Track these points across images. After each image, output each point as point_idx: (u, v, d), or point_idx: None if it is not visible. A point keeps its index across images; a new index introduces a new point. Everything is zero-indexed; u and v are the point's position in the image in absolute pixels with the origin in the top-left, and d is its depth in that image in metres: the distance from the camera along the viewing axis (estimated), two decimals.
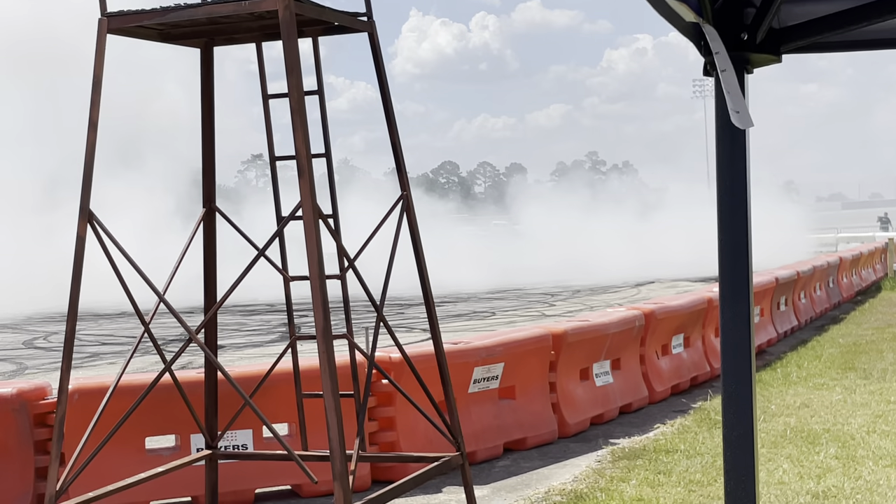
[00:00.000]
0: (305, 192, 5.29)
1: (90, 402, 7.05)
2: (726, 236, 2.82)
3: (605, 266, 40.62)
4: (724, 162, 2.82)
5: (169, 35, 5.99)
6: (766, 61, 3.00)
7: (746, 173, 2.81)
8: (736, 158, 2.79)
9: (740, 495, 2.71)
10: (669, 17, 2.78)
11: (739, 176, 2.78)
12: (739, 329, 2.79)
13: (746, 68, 2.93)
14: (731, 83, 2.68)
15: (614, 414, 10.59)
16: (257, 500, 7.76)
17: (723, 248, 2.82)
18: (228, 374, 5.67)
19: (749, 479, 2.72)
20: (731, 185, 2.81)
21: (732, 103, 2.70)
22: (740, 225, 2.80)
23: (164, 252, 8.92)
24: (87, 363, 17.32)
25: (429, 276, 6.47)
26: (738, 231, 2.80)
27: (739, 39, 2.86)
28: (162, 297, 5.66)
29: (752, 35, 2.88)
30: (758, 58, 2.95)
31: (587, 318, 11.05)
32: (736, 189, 2.80)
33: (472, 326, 21.25)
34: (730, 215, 2.83)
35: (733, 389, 2.76)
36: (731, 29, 2.87)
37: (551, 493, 7.55)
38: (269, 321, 24.60)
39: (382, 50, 6.27)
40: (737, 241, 2.81)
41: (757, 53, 2.92)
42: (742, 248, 2.79)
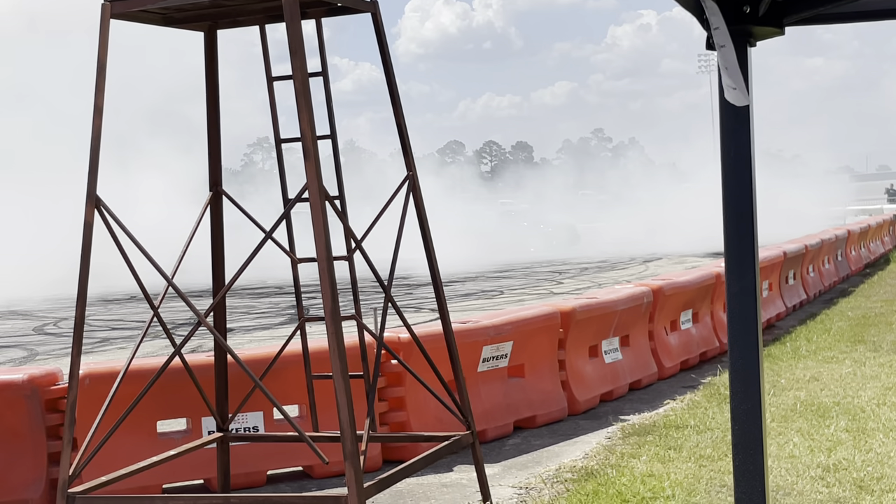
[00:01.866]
0: (311, 173, 5.29)
1: (101, 386, 7.07)
2: (731, 210, 2.81)
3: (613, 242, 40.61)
4: (728, 136, 2.81)
5: (172, 19, 5.99)
6: (768, 34, 2.99)
7: (750, 147, 2.80)
8: (739, 132, 2.78)
9: (749, 469, 2.71)
10: None
11: (743, 149, 2.77)
12: (746, 302, 2.78)
13: (749, 41, 2.92)
14: (729, 59, 2.67)
15: (624, 391, 10.60)
16: (269, 481, 7.80)
17: (728, 222, 2.81)
18: (238, 357, 5.68)
19: (758, 453, 2.72)
20: (735, 158, 2.80)
21: (729, 79, 2.69)
22: (745, 198, 2.79)
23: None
24: (98, 348, 17.37)
25: (436, 256, 6.48)
26: (743, 204, 2.80)
27: (741, 12, 2.85)
28: (170, 281, 5.68)
29: (754, 8, 2.86)
30: (760, 30, 2.93)
31: (595, 295, 11.05)
32: (739, 163, 2.79)
33: (480, 305, 21.27)
34: (734, 189, 2.82)
35: (741, 363, 2.76)
36: (733, 2, 2.85)
37: (562, 471, 7.57)
38: (278, 303, 24.64)
39: (386, 30, 6.26)
40: (741, 215, 2.80)
41: (759, 26, 2.91)
42: (747, 221, 2.79)
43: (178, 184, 34.16)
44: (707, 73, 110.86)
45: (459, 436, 6.32)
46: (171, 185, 35.19)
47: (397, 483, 5.86)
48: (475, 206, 51.84)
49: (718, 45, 2.71)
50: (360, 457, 5.27)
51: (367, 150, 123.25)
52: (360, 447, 5.60)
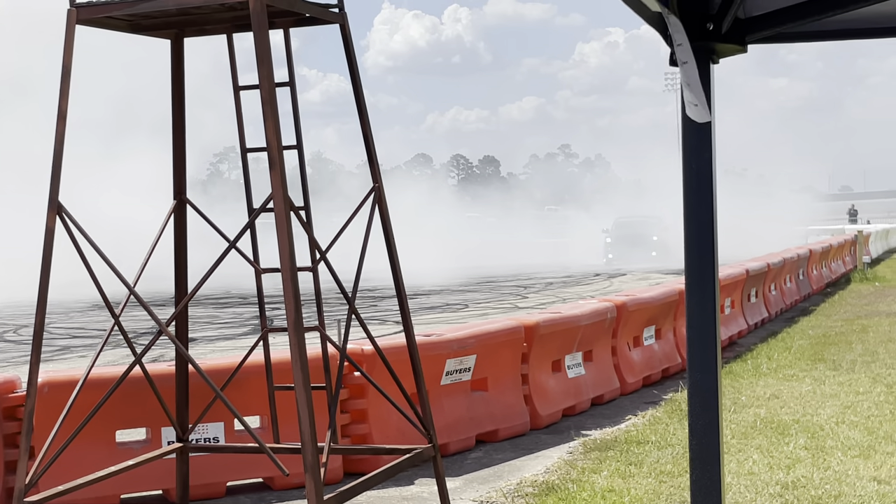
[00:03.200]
0: (277, 183, 5.28)
1: (60, 395, 7.00)
2: (692, 227, 2.83)
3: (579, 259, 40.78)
4: (690, 152, 2.83)
5: (139, 26, 5.96)
6: (731, 51, 3.02)
7: (712, 164, 2.82)
8: (701, 149, 2.81)
9: (706, 484, 2.73)
10: (636, 8, 2.80)
11: (705, 166, 2.80)
12: (705, 319, 2.80)
13: (712, 58, 2.94)
14: (691, 76, 2.70)
15: (586, 405, 10.63)
16: (229, 492, 7.74)
17: (689, 239, 2.83)
18: (199, 367, 5.65)
19: (714, 468, 2.74)
20: (697, 175, 2.82)
21: (690, 96, 2.71)
22: (706, 216, 2.81)
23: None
24: (58, 356, 17.21)
25: (401, 268, 6.47)
26: (704, 222, 2.82)
27: (705, 29, 2.88)
28: (132, 290, 5.64)
29: (717, 25, 2.89)
30: (723, 48, 2.96)
31: (559, 310, 11.08)
32: (702, 180, 2.82)
33: (444, 319, 21.26)
34: (696, 206, 2.84)
35: (699, 379, 2.78)
36: (696, 19, 2.88)
37: (523, 485, 7.57)
38: (242, 314, 24.52)
39: (355, 42, 6.26)
40: (703, 232, 2.83)
41: (723, 43, 2.94)
42: (707, 238, 2.81)
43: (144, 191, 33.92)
44: (673, 91, 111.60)
45: (421, 449, 6.31)
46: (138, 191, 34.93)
47: (358, 496, 5.84)
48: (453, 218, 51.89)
49: (681, 61, 2.74)
50: (320, 469, 5.25)
51: (334, 162, 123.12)
52: (321, 459, 5.57)
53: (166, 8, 5.49)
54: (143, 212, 25.32)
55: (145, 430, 7.73)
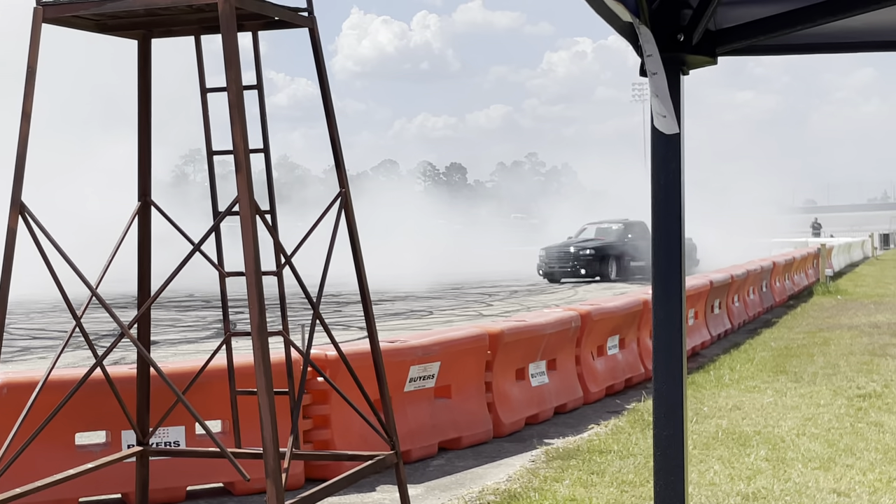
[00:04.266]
0: (243, 187, 5.25)
1: (19, 396, 6.92)
2: (659, 237, 2.84)
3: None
4: (658, 163, 2.84)
5: (106, 26, 5.91)
6: (701, 63, 3.03)
7: (680, 175, 2.83)
8: (670, 160, 2.82)
9: (669, 495, 2.73)
10: (607, 17, 2.80)
11: (673, 177, 2.81)
12: (671, 329, 2.81)
13: (682, 69, 2.95)
14: (660, 87, 2.71)
15: (549, 414, 10.64)
16: (189, 497, 7.69)
17: (656, 249, 2.84)
18: (160, 369, 5.61)
19: (678, 480, 2.74)
20: (665, 186, 2.83)
21: (659, 107, 2.72)
22: (673, 226, 2.82)
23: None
24: (18, 357, 17.04)
25: (366, 274, 6.45)
26: (672, 232, 2.83)
27: (676, 40, 2.89)
28: (94, 291, 5.58)
29: (688, 36, 2.90)
30: (694, 59, 2.98)
31: (524, 318, 11.10)
32: (670, 191, 2.83)
33: (409, 325, 21.25)
34: (664, 216, 2.85)
35: (664, 389, 2.79)
36: (667, 30, 2.89)
37: (485, 493, 7.57)
38: (205, 317, 24.39)
39: (323, 47, 6.24)
40: (670, 242, 2.83)
41: (693, 55, 2.95)
42: (675, 249, 2.82)
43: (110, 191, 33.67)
44: (641, 102, 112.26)
45: (384, 455, 6.29)
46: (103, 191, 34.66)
47: (319, 502, 5.81)
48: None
49: (650, 71, 2.75)
50: (282, 474, 5.22)
51: (301, 166, 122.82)
52: (283, 465, 5.54)
53: (134, 8, 5.44)
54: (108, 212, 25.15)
55: (105, 433, 7.66)
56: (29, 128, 5.48)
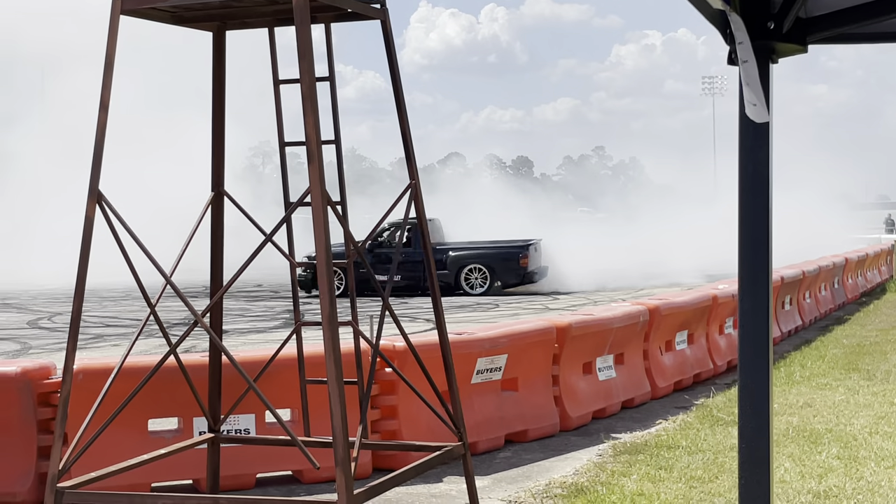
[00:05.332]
0: (315, 177, 5.29)
1: (94, 382, 7.06)
2: (746, 227, 2.81)
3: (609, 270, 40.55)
4: (746, 153, 2.81)
5: (182, 18, 5.99)
6: (791, 51, 2.99)
7: (769, 164, 2.79)
8: (758, 149, 2.78)
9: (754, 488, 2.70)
10: (698, 5, 2.77)
11: (761, 167, 2.78)
12: (757, 320, 2.78)
13: (772, 58, 2.92)
14: (751, 75, 2.67)
15: (616, 408, 10.59)
16: (258, 484, 7.77)
17: (743, 239, 2.80)
18: (232, 357, 5.68)
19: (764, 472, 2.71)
20: (753, 175, 2.80)
21: (750, 95, 2.69)
22: (761, 216, 2.79)
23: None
24: (91, 344, 17.34)
25: (435, 265, 6.47)
26: (759, 222, 2.79)
27: (766, 28, 2.85)
28: (169, 279, 5.67)
29: (778, 24, 2.86)
30: (783, 47, 2.94)
31: (591, 312, 11.05)
32: (757, 180, 2.79)
33: (475, 318, 21.25)
34: (751, 207, 2.81)
35: (750, 380, 2.75)
36: (757, 17, 2.85)
37: (552, 486, 7.56)
38: (273, 307, 24.61)
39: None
40: (757, 232, 2.80)
41: (783, 43, 2.91)
42: (762, 239, 2.78)
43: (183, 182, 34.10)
44: (711, 96, 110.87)
45: (451, 446, 6.31)
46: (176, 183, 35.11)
47: (387, 491, 5.85)
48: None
49: (741, 60, 2.71)
50: (351, 463, 5.26)
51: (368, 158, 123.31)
52: (352, 454, 5.58)
53: (209, 0, 5.51)
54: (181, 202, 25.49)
55: (177, 419, 7.78)
56: (107, 118, 5.58)
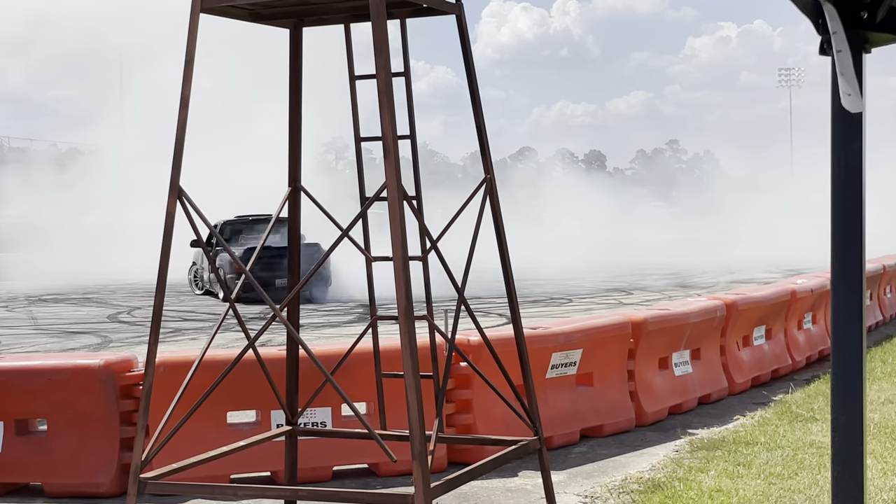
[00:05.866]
0: (391, 172, 5.31)
1: (174, 375, 7.18)
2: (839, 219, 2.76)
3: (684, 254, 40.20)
4: (840, 143, 2.76)
5: (259, 15, 6.06)
6: (885, 40, 2.94)
7: (862, 154, 2.75)
8: (852, 139, 2.74)
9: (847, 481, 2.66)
10: None
11: (854, 157, 2.73)
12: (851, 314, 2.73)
13: (865, 48, 2.87)
14: (845, 65, 2.63)
15: (693, 404, 10.49)
16: (335, 477, 7.84)
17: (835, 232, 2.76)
18: (310, 350, 5.73)
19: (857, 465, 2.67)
20: (846, 167, 2.75)
21: (844, 85, 2.65)
22: (854, 208, 2.74)
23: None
24: (170, 338, 17.62)
25: (510, 260, 6.46)
26: (852, 215, 2.75)
27: (859, 17, 2.81)
28: (247, 273, 5.74)
29: (872, 14, 2.82)
30: (877, 37, 2.89)
31: (667, 306, 10.96)
32: (851, 172, 2.74)
33: (548, 312, 21.21)
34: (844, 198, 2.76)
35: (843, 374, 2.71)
36: (850, 7, 2.81)
37: (628, 481, 7.52)
38: (347, 302, 24.78)
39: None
40: (850, 225, 2.75)
41: (876, 33, 2.86)
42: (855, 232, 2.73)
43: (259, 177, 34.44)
44: (787, 88, 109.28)
45: (527, 441, 6.30)
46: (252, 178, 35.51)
47: (462, 485, 5.86)
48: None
49: (836, 49, 2.67)
50: (427, 457, 5.28)
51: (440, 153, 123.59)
52: (429, 447, 5.61)
53: None
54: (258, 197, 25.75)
55: (255, 412, 7.88)
56: (187, 114, 5.66)
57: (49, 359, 7.88)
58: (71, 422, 7.45)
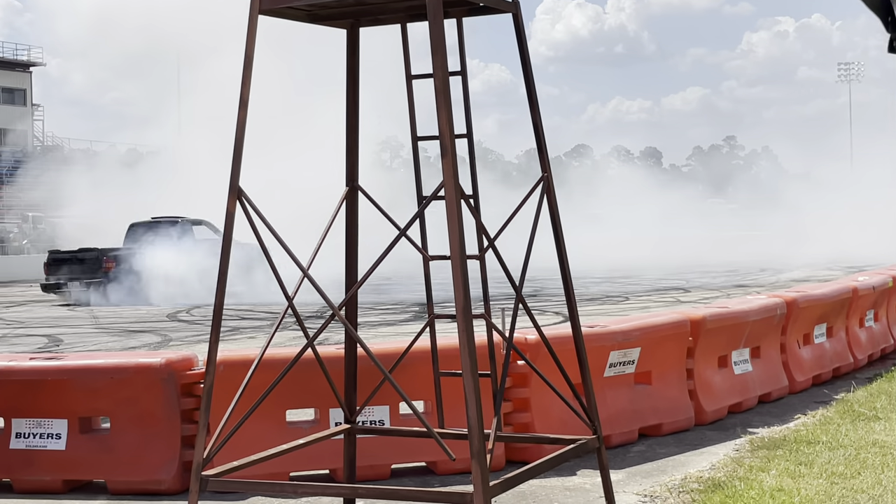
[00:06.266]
0: (448, 171, 5.32)
1: (233, 374, 7.25)
2: None
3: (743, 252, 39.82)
4: None
5: (317, 16, 6.09)
6: None
7: None
8: None
9: None
10: None
11: None
12: None
13: None
14: None
15: (753, 403, 10.39)
16: (393, 475, 7.87)
17: None
18: (369, 349, 5.75)
19: None
20: None
21: None
22: None
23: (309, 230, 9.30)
24: (229, 337, 17.78)
25: (568, 259, 6.44)
26: None
27: None
28: (306, 273, 5.78)
29: None
30: None
31: (726, 304, 10.86)
32: None
33: (605, 311, 21.12)
34: None
35: None
36: None
37: (688, 480, 7.46)
38: (403, 300, 24.85)
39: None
40: None
41: None
42: None
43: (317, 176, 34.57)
44: (847, 83, 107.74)
45: (586, 439, 6.28)
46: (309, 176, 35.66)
47: (521, 484, 5.85)
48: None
49: None
50: (486, 455, 5.28)
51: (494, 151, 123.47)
52: (487, 446, 5.61)
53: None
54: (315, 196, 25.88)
55: (314, 410, 7.92)
56: (246, 115, 5.71)
57: (111, 357, 7.98)
58: (133, 420, 7.55)
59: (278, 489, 6.08)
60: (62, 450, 7.54)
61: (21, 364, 7.63)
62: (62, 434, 7.58)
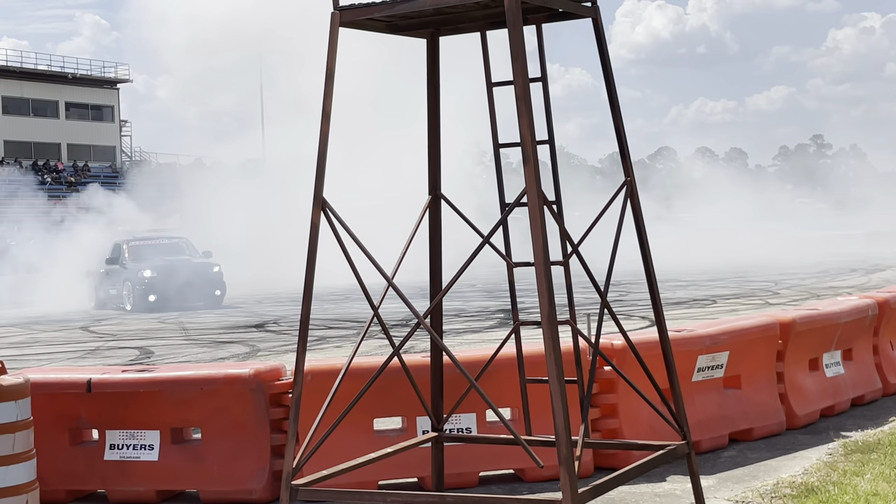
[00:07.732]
0: (531, 178, 5.32)
1: (321, 383, 7.31)
2: None
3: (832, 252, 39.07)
4: None
5: (397, 27, 6.14)
6: None
7: None
8: None
9: None
10: None
11: None
12: None
13: None
14: None
15: (845, 406, 10.18)
16: (481, 482, 7.87)
17: None
18: (455, 357, 5.76)
19: None
20: None
21: None
22: None
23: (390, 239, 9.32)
24: (315, 346, 17.93)
25: (653, 263, 6.39)
26: None
27: None
28: (391, 282, 5.81)
29: None
30: None
31: (816, 306, 10.66)
32: None
33: (692, 314, 20.86)
34: None
35: None
36: None
37: (780, 486, 7.33)
38: (488, 307, 24.83)
39: None
40: None
41: None
42: None
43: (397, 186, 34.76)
44: None
45: (675, 445, 6.22)
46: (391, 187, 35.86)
47: (610, 490, 5.81)
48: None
49: None
50: (574, 462, 5.26)
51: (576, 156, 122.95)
52: (575, 452, 5.58)
53: (424, 8, 5.63)
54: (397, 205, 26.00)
55: (401, 419, 7.96)
56: (329, 126, 5.77)
57: (201, 369, 8.10)
58: (223, 430, 7.65)
59: (367, 498, 6.10)
60: (155, 460, 7.68)
61: (114, 377, 7.79)
62: (155, 445, 7.72)
